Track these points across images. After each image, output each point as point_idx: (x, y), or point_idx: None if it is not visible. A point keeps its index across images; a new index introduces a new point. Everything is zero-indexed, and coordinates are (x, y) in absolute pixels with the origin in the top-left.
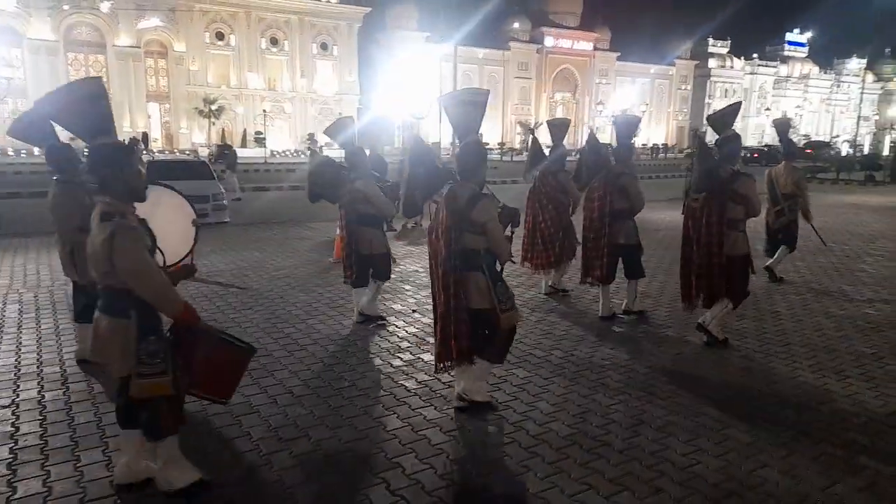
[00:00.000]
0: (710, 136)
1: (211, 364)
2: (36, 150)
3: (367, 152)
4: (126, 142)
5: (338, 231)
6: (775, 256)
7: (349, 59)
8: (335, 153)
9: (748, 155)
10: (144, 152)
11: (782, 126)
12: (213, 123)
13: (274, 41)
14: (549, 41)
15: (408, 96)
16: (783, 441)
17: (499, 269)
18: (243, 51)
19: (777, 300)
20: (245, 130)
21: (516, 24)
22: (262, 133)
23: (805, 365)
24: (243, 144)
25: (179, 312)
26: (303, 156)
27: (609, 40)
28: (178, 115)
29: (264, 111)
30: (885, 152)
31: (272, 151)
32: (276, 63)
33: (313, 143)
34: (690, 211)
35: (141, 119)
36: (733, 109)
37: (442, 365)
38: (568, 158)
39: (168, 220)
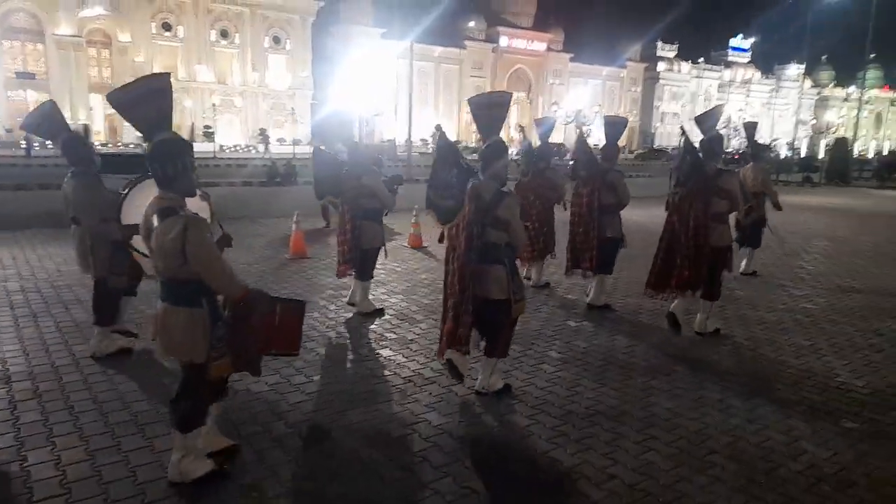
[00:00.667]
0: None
1: (274, 324)
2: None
3: (323, 148)
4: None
5: (294, 227)
6: (745, 261)
7: (303, 53)
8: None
9: (731, 157)
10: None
11: (750, 129)
12: None
13: (224, 33)
14: (503, 41)
15: (364, 93)
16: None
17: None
18: (192, 42)
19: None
20: (193, 124)
21: (472, 23)
22: (211, 127)
23: (748, 356)
24: (192, 139)
25: (243, 293)
26: (253, 151)
27: (562, 41)
28: None
29: (214, 105)
30: (821, 155)
31: (222, 146)
32: (226, 56)
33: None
34: (675, 206)
35: (82, 111)
36: (717, 111)
37: (447, 350)
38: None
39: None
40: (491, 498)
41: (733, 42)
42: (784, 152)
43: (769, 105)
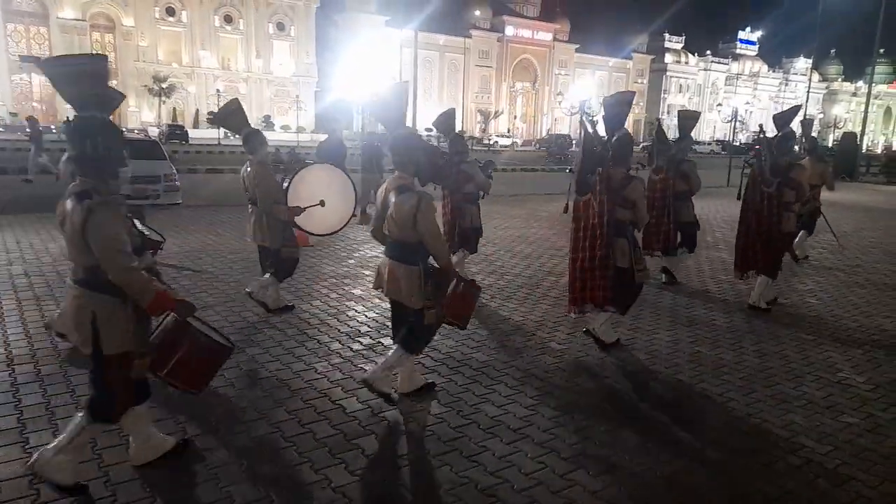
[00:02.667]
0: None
1: (458, 293)
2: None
3: (326, 137)
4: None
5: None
6: (796, 242)
7: (306, 40)
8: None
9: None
10: None
11: (807, 127)
12: (164, 102)
13: (228, 19)
14: (509, 30)
15: (367, 81)
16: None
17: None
18: (196, 28)
19: (727, 288)
20: (197, 110)
21: (477, 12)
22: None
23: (750, 350)
24: (195, 125)
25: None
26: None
27: (568, 31)
28: (126, 92)
29: (218, 91)
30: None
31: (226, 133)
32: (230, 42)
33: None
34: (750, 194)
35: None
36: (794, 111)
37: (574, 309)
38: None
39: (335, 198)
40: (489, 488)
41: (741, 35)
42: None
43: (777, 99)
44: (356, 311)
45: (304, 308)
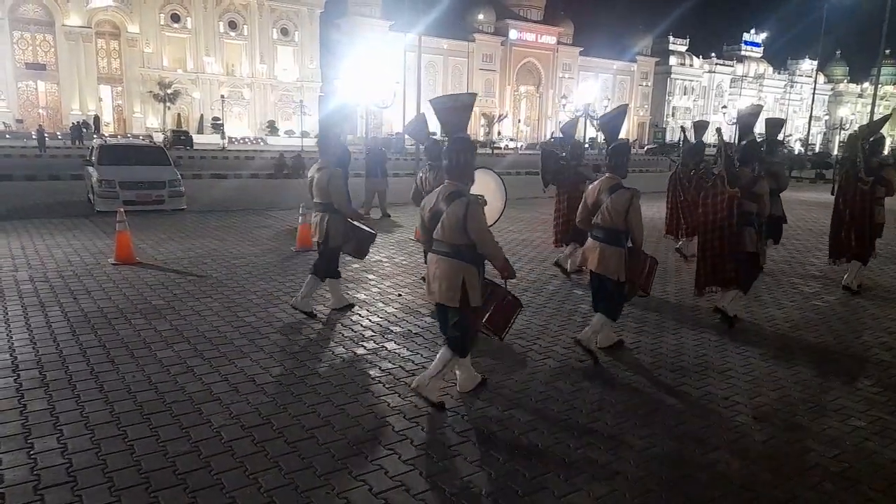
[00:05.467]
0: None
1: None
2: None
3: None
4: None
5: (301, 220)
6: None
7: (310, 45)
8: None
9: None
10: (95, 135)
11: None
12: (169, 108)
13: (233, 25)
14: (513, 34)
15: (371, 85)
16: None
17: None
18: (200, 34)
19: None
20: (202, 116)
21: (481, 16)
22: (219, 119)
23: (756, 354)
24: (200, 130)
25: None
26: (261, 143)
27: (572, 35)
28: (132, 98)
29: (222, 97)
30: (835, 152)
31: (230, 138)
32: (234, 48)
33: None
34: (843, 190)
35: (92, 102)
36: (882, 121)
37: (707, 289)
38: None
39: (491, 195)
40: (497, 485)
41: (746, 36)
42: (798, 148)
43: (782, 100)
44: (360, 315)
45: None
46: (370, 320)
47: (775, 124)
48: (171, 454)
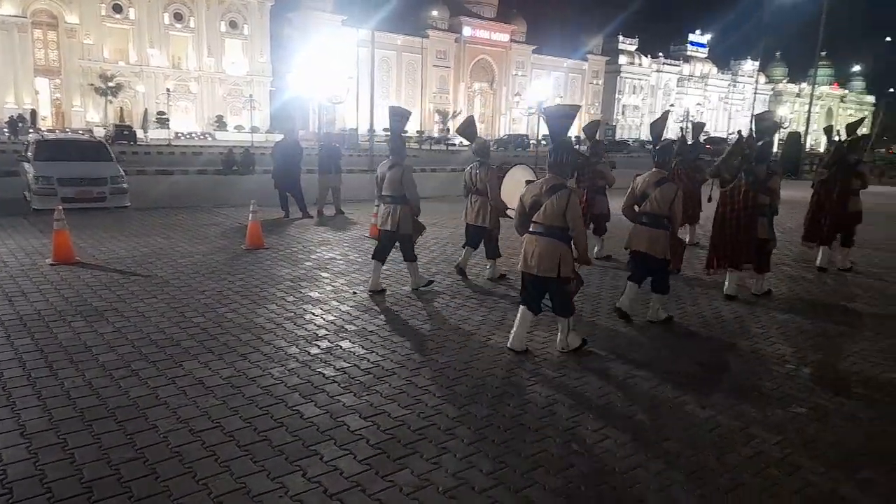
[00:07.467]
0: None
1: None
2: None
3: (282, 136)
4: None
5: (251, 217)
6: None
7: (260, 38)
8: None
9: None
10: (31, 130)
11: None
12: (111, 102)
13: (178, 16)
14: (467, 31)
15: (324, 80)
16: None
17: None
18: (144, 25)
19: (678, 286)
20: (146, 110)
21: (435, 12)
22: (165, 113)
23: (701, 345)
24: (144, 125)
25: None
26: (209, 138)
27: (525, 33)
28: (71, 91)
29: (168, 90)
30: (775, 149)
31: (177, 133)
32: (180, 40)
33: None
34: (821, 184)
35: (28, 95)
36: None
37: (712, 271)
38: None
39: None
40: (454, 482)
41: (692, 37)
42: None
43: (726, 100)
44: (314, 314)
45: (259, 312)
46: (324, 319)
47: (767, 126)
48: (115, 461)
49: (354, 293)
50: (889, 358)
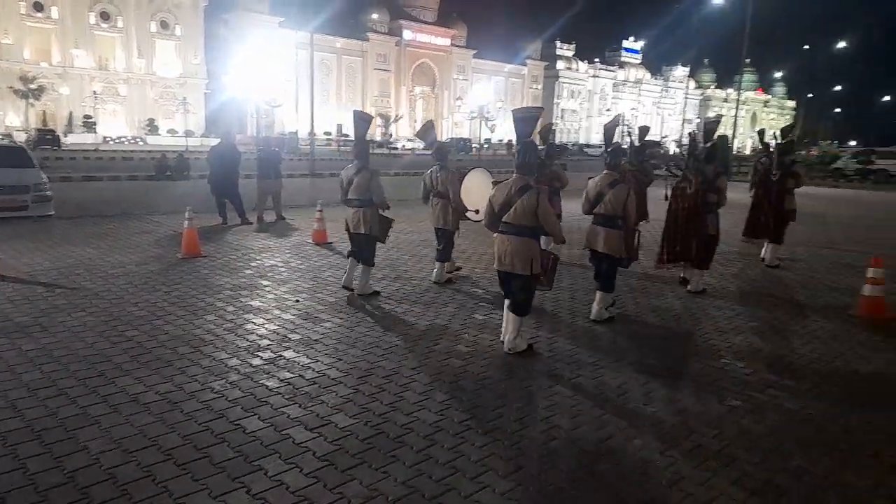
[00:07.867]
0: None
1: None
2: None
3: (219, 140)
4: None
5: (186, 224)
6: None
7: (194, 39)
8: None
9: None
10: None
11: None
12: (32, 105)
13: (105, 16)
14: (407, 34)
15: (261, 83)
16: None
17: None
18: (68, 25)
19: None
20: (71, 114)
21: (375, 15)
22: (91, 117)
23: (642, 341)
24: (69, 129)
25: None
26: (140, 142)
27: (465, 37)
28: None
29: (94, 93)
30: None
31: (105, 138)
32: (107, 40)
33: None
34: (760, 183)
35: None
36: (790, 127)
37: (672, 265)
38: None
39: (482, 186)
40: (404, 490)
41: (626, 43)
42: (673, 149)
43: (659, 104)
44: (255, 324)
45: (197, 324)
46: (266, 329)
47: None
48: (42, 487)
49: (297, 301)
50: (815, 350)
